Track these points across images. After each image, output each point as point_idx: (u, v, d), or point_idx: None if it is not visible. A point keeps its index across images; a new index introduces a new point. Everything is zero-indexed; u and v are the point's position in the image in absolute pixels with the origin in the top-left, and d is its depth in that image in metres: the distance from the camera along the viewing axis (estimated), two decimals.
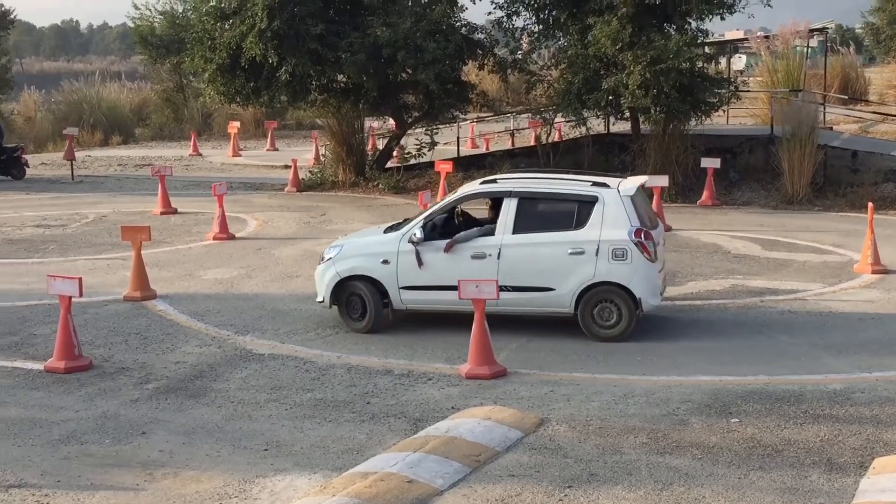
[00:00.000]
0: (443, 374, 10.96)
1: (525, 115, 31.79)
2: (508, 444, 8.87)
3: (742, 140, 24.88)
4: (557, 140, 27.46)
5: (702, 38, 23.50)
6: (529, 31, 24.86)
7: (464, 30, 24.79)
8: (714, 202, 22.03)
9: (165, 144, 40.18)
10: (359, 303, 12.72)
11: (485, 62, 25.37)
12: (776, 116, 24.71)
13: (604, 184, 12.38)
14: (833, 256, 16.74)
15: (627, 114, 23.51)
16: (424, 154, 25.45)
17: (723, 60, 34.76)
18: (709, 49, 25.49)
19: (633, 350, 11.74)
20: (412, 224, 12.68)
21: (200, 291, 14.98)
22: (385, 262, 12.55)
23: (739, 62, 46.49)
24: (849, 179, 22.76)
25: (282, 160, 31.28)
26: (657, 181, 19.57)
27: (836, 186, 22.49)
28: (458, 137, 29.07)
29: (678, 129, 22.78)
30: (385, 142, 27.90)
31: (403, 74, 24.53)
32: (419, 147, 25.40)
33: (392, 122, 27.82)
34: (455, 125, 28.24)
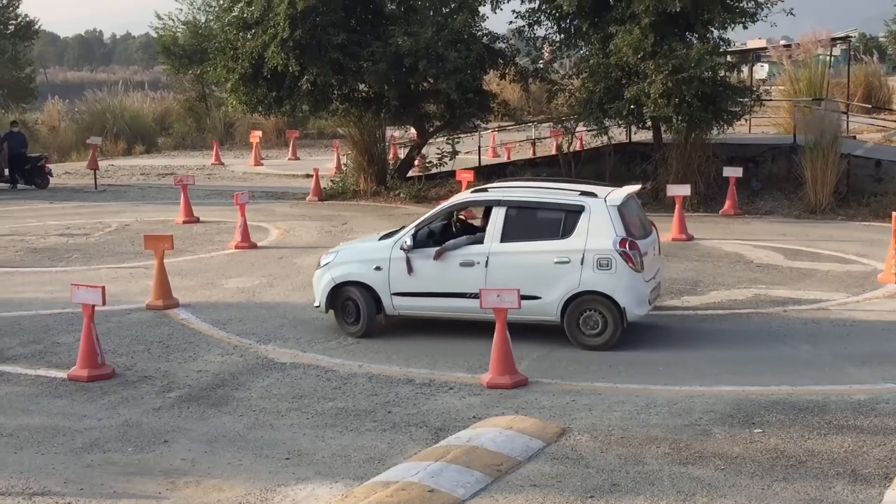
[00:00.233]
0: (464, 384, 10.94)
1: (546, 125, 31.77)
2: (530, 454, 8.85)
3: (764, 149, 24.77)
4: (579, 149, 27.46)
5: (724, 47, 23.44)
6: (551, 41, 24.85)
7: (485, 39, 24.82)
8: (736, 211, 21.94)
9: (188, 154, 40.36)
10: (353, 308, 12.98)
11: (506, 71, 25.37)
12: (799, 125, 24.60)
13: (591, 193, 12.40)
14: (857, 266, 16.63)
15: (649, 123, 23.48)
16: (446, 163, 25.47)
17: (745, 69, 34.63)
18: (731, 58, 25.41)
19: (655, 360, 11.70)
20: (404, 232, 12.90)
21: (222, 300, 15.02)
22: (378, 269, 12.78)
23: (762, 71, 46.32)
24: (872, 189, 22.62)
25: (303, 169, 31.37)
26: (679, 190, 19.54)
27: (860, 196, 22.35)
28: (480, 147, 29.09)
29: (700, 138, 22.70)
30: (406, 151, 27.94)
31: (425, 84, 24.57)
32: (440, 156, 25.43)
33: (413, 132, 27.87)
34: (476, 134, 28.25)
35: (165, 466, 8.83)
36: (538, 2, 23.83)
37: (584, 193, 12.41)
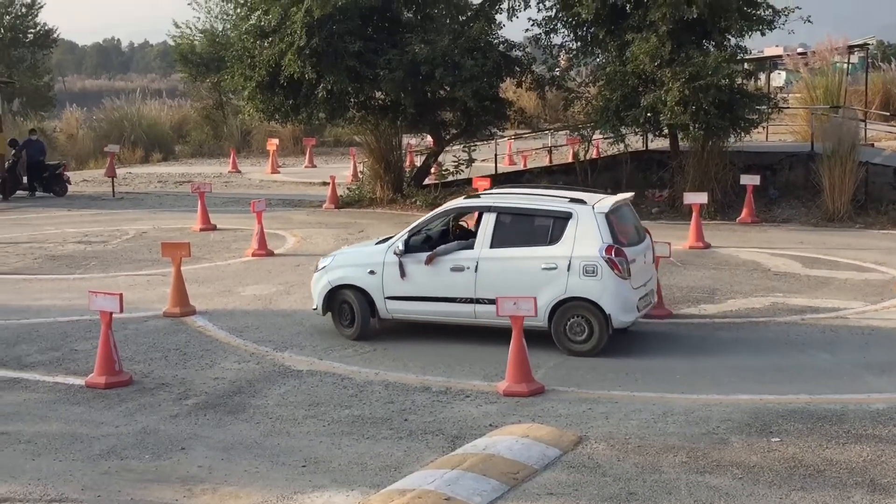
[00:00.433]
0: (480, 392, 10.93)
1: (563, 132, 31.74)
2: (546, 462, 8.83)
3: (782, 157, 24.71)
4: (595, 157, 27.42)
5: (741, 55, 23.39)
6: (567, 49, 24.86)
7: (502, 47, 24.85)
8: (753, 219, 21.87)
9: (205, 161, 40.51)
10: (348, 311, 13.20)
11: (523, 79, 25.37)
12: (816, 133, 24.52)
13: (580, 200, 12.42)
14: (875, 274, 16.55)
15: (666, 130, 23.42)
16: (462, 171, 25.49)
17: (762, 77, 34.56)
18: (748, 65, 25.35)
19: (672, 368, 11.67)
20: (397, 237, 13.04)
21: (239, 307, 15.06)
22: (372, 273, 12.98)
23: (779, 78, 46.20)
24: (891, 196, 22.53)
25: (320, 177, 31.42)
26: (696, 198, 19.49)
27: (878, 204, 22.26)
28: (496, 154, 29.09)
29: (717, 146, 22.66)
30: (423, 159, 27.97)
31: (441, 91, 24.59)
32: (457, 164, 25.46)
33: (430, 139, 27.89)
34: (493, 142, 28.26)
35: (182, 473, 8.85)
36: (555, 10, 23.88)
37: (573, 200, 12.45)
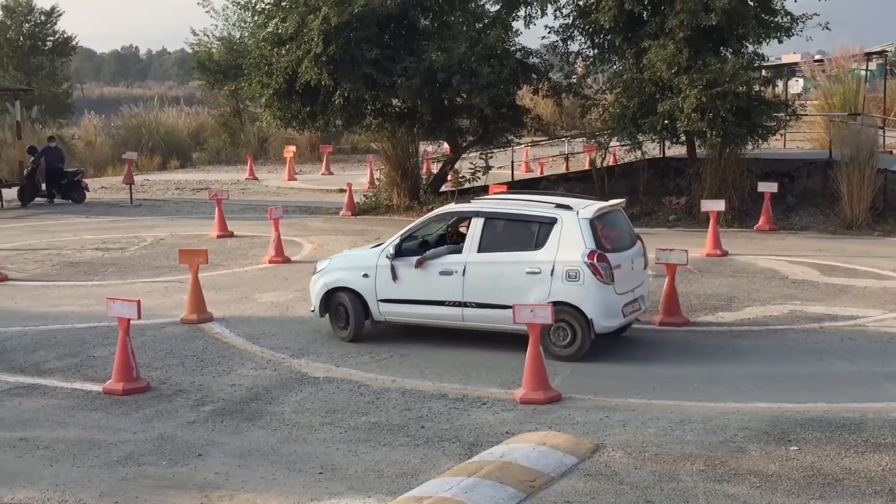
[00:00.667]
0: (497, 399, 10.92)
1: (580, 140, 31.76)
2: (563, 470, 8.81)
3: (800, 164, 24.63)
4: (612, 164, 27.39)
5: (758, 62, 23.34)
6: (584, 56, 24.87)
7: (518, 54, 24.86)
8: (771, 227, 21.80)
9: (222, 168, 40.65)
10: (344, 313, 13.45)
11: (539, 86, 25.37)
12: (834, 140, 24.44)
13: (566, 206, 12.52)
14: (894, 282, 16.47)
15: (683, 138, 23.39)
16: (479, 178, 25.49)
17: (780, 83, 34.48)
18: (765, 72, 25.30)
19: (690, 376, 11.63)
20: (390, 241, 13.27)
21: (256, 314, 15.08)
22: (365, 276, 13.21)
23: (797, 85, 46.13)
24: None
25: (337, 184, 31.50)
26: (713, 205, 19.44)
27: None
28: (513, 161, 29.11)
29: (734, 153, 22.61)
30: (439, 166, 27.99)
31: (458, 99, 24.62)
32: (473, 171, 25.46)
33: (446, 147, 27.90)
34: (509, 149, 28.26)
35: (199, 480, 8.86)
36: (572, 17, 23.89)
37: (559, 206, 12.56)
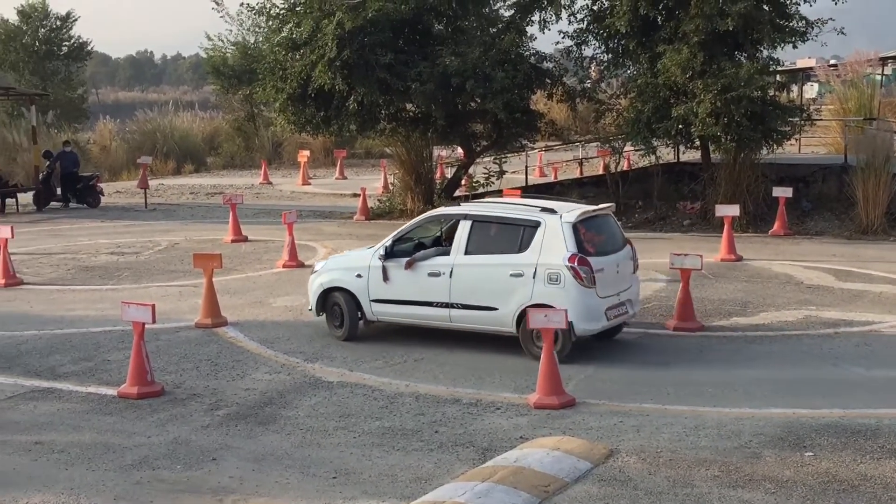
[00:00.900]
0: (511, 404, 10.91)
1: (594, 144, 31.72)
2: (577, 475, 8.79)
3: (815, 169, 24.54)
4: (626, 169, 27.36)
5: (773, 67, 23.28)
6: (598, 60, 24.83)
7: (532, 59, 24.85)
8: (786, 232, 21.72)
9: (236, 173, 40.71)
10: (339, 312, 13.75)
11: (553, 91, 25.35)
12: (850, 145, 24.35)
13: (551, 210, 12.68)
14: None
15: (697, 142, 23.34)
16: (493, 183, 25.48)
17: (794, 88, 34.40)
18: (780, 77, 25.24)
19: (704, 381, 11.59)
20: (382, 242, 13.50)
21: (270, 319, 15.11)
22: (359, 276, 13.49)
23: (811, 90, 46.02)
24: None
25: (351, 189, 31.52)
26: (728, 210, 19.39)
27: None
28: (527, 166, 29.10)
29: (749, 158, 22.53)
30: (453, 170, 28.00)
31: (472, 103, 24.61)
32: (487, 176, 25.46)
33: (460, 151, 27.90)
34: (523, 154, 28.24)
35: (214, 484, 8.87)
36: (586, 22, 23.87)
37: (544, 210, 12.73)
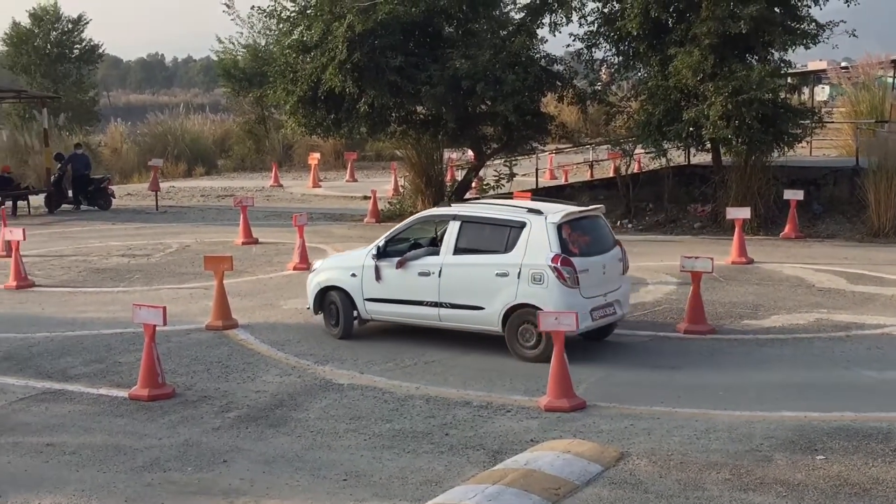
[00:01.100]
0: (521, 406, 10.90)
1: (604, 147, 31.69)
2: (588, 478, 8.78)
3: (826, 172, 24.48)
4: (637, 171, 27.33)
5: (784, 69, 23.22)
6: (609, 63, 24.81)
7: (543, 61, 24.82)
8: (797, 235, 21.66)
9: (247, 175, 40.78)
10: (335, 311, 14.02)
11: (564, 94, 25.32)
12: (861, 148, 24.28)
13: (537, 211, 12.81)
14: None
15: (708, 145, 23.30)
16: (503, 185, 25.48)
17: (806, 91, 34.33)
18: (791, 80, 25.19)
19: (715, 384, 11.57)
20: (375, 242, 13.79)
21: (281, 321, 15.12)
22: (353, 276, 13.77)
23: (823, 93, 45.93)
24: None
25: (361, 191, 31.55)
26: (739, 213, 19.35)
27: None
28: (537, 169, 29.08)
29: (760, 161, 22.48)
30: (464, 173, 27.99)
31: (482, 106, 24.60)
32: (498, 178, 25.46)
33: (471, 154, 27.89)
34: (534, 156, 28.22)
35: (224, 486, 8.88)
36: (597, 24, 23.85)
37: (531, 211, 12.86)
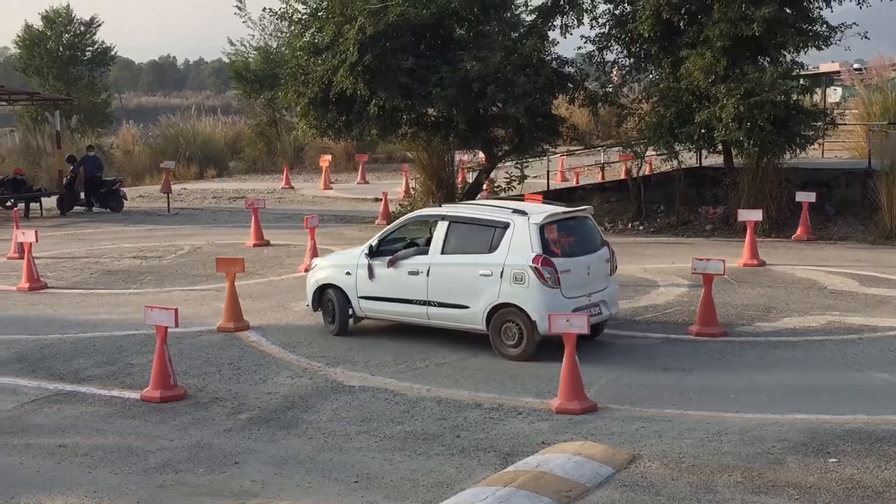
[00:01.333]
0: (533, 409, 10.89)
1: (615, 149, 31.65)
2: (599, 481, 8.77)
3: (838, 174, 24.40)
4: (648, 173, 27.27)
5: (797, 71, 23.16)
6: (620, 65, 24.78)
7: (554, 63, 24.78)
8: (809, 237, 21.60)
9: (258, 177, 40.85)
10: (331, 308, 14.33)
11: (575, 96, 25.28)
12: (874, 150, 24.19)
13: (522, 212, 13.02)
14: None
15: (720, 147, 23.26)
16: (514, 187, 25.43)
17: (818, 92, 34.22)
18: (804, 81, 25.10)
19: (727, 386, 11.55)
20: (369, 241, 14.09)
21: (292, 323, 15.14)
22: (348, 274, 14.09)
23: (835, 94, 45.78)
24: None
25: (372, 193, 31.58)
26: (750, 215, 19.31)
27: None
28: (548, 171, 29.05)
29: (772, 163, 22.43)
30: (475, 175, 27.98)
31: (493, 108, 24.58)
32: (509, 180, 25.41)
33: (482, 156, 27.87)
34: (545, 159, 28.21)
35: (236, 488, 8.90)
36: (608, 26, 23.82)
37: (516, 211, 13.09)
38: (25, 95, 36.00)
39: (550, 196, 25.22)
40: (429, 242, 13.86)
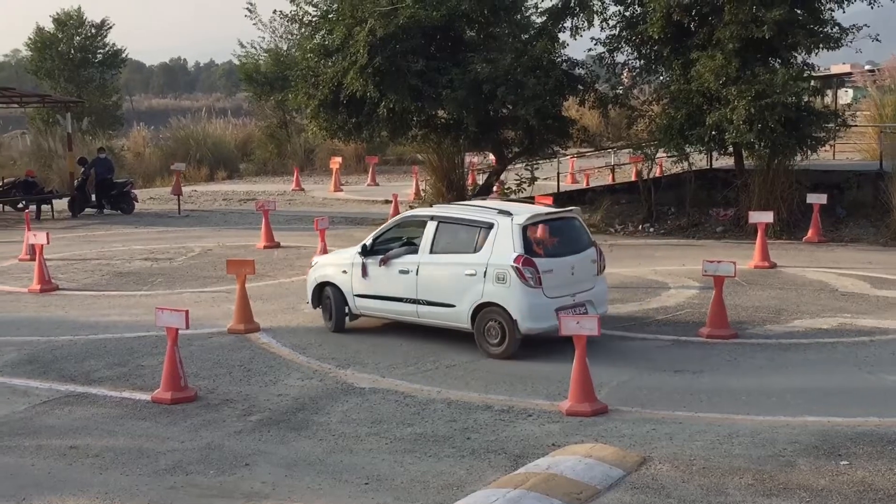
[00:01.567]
0: (543, 411, 10.88)
1: (626, 151, 31.62)
2: (610, 483, 8.76)
3: (849, 175, 24.33)
4: (659, 175, 27.24)
5: (808, 72, 23.11)
6: (631, 67, 24.77)
7: (564, 65, 24.79)
8: (820, 239, 21.55)
9: (269, 179, 40.90)
10: (329, 305, 14.59)
11: (585, 97, 25.28)
12: (885, 151, 24.12)
13: (507, 212, 13.23)
14: None
15: (731, 149, 23.22)
16: (524, 189, 25.42)
17: (829, 93, 34.14)
18: (815, 83, 25.05)
19: (738, 389, 11.52)
20: (363, 240, 14.34)
21: (302, 325, 15.15)
22: (344, 272, 14.35)
23: (846, 96, 45.67)
24: None
25: (382, 195, 31.58)
26: (761, 217, 19.27)
27: None
28: (559, 173, 29.04)
29: (783, 165, 22.38)
30: (485, 177, 27.99)
31: (503, 110, 24.59)
32: (519, 182, 25.41)
33: (492, 158, 27.88)
34: (555, 160, 28.20)
35: (246, 489, 8.90)
36: (619, 28, 23.81)
37: (501, 212, 13.30)
38: (37, 98, 36.13)
39: (561, 198, 25.24)
40: None
